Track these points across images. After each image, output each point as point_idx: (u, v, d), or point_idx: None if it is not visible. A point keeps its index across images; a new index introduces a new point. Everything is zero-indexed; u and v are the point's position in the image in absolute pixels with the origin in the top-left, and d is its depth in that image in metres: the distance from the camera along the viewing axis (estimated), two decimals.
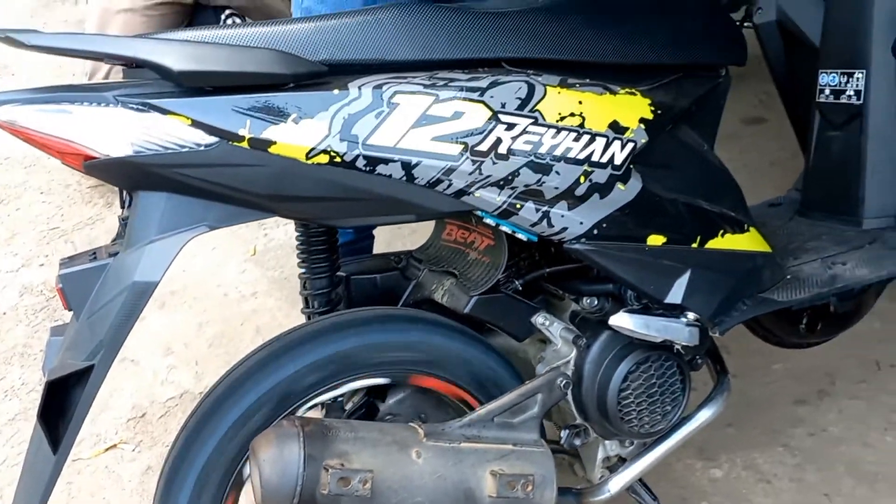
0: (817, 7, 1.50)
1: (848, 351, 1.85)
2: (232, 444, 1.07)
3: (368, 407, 1.22)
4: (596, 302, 1.22)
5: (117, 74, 1.11)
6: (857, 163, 1.43)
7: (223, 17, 2.47)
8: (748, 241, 1.26)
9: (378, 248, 1.79)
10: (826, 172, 1.50)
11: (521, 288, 1.22)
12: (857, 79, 1.42)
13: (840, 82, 1.45)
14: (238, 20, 2.45)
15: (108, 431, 1.85)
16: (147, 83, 0.94)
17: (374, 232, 1.79)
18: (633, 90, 1.14)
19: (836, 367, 1.84)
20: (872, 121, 1.41)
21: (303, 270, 1.25)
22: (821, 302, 1.39)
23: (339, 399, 1.20)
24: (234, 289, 2.29)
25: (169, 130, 0.92)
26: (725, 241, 1.22)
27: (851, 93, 1.43)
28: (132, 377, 1.99)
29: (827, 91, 1.47)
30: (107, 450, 1.81)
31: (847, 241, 1.40)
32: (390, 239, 2.25)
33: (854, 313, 1.57)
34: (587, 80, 1.10)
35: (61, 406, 0.97)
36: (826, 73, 1.47)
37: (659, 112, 1.15)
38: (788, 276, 1.30)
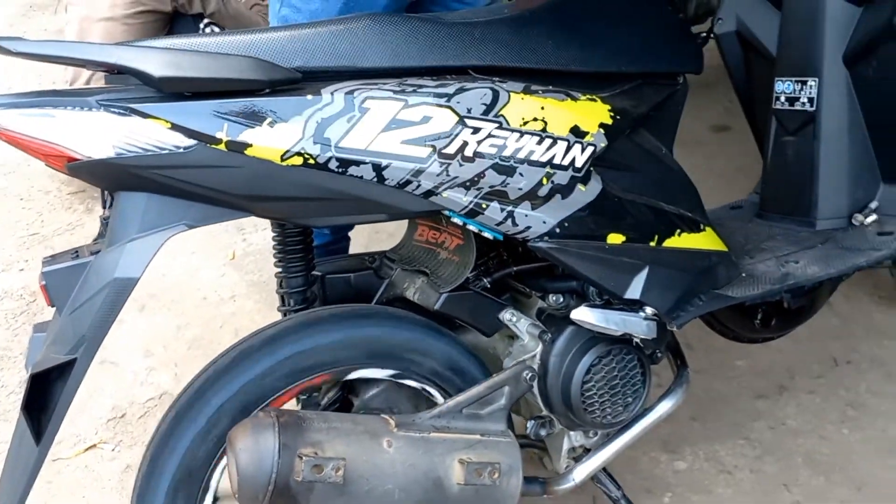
0: (774, 18, 1.56)
1: (807, 347, 1.92)
2: (208, 438, 1.10)
3: (343, 401, 1.26)
4: (561, 299, 1.26)
5: (98, 81, 1.14)
6: (811, 167, 1.49)
7: (202, 25, 2.50)
8: (704, 241, 1.32)
9: (354, 250, 1.83)
10: (782, 176, 1.56)
11: (489, 286, 1.26)
12: (811, 86, 1.48)
13: (794, 90, 1.51)
14: (216, 28, 2.48)
15: (88, 431, 1.86)
16: (128, 88, 0.98)
17: (351, 235, 1.83)
18: (594, 96, 1.19)
19: (795, 363, 1.90)
20: (825, 126, 1.47)
21: (279, 270, 1.29)
22: (774, 298, 1.45)
23: (315, 393, 1.24)
24: (213, 292, 2.31)
25: (149, 133, 0.95)
26: (682, 240, 1.28)
27: (805, 100, 1.49)
28: (112, 378, 2.00)
29: (782, 98, 1.53)
30: (86, 449, 1.82)
31: (800, 241, 1.46)
32: (367, 243, 2.29)
33: (807, 309, 1.62)
34: (550, 87, 1.15)
35: (44, 399, 1.00)
36: (782, 80, 1.53)
37: (618, 117, 1.20)
38: (743, 274, 1.36)
